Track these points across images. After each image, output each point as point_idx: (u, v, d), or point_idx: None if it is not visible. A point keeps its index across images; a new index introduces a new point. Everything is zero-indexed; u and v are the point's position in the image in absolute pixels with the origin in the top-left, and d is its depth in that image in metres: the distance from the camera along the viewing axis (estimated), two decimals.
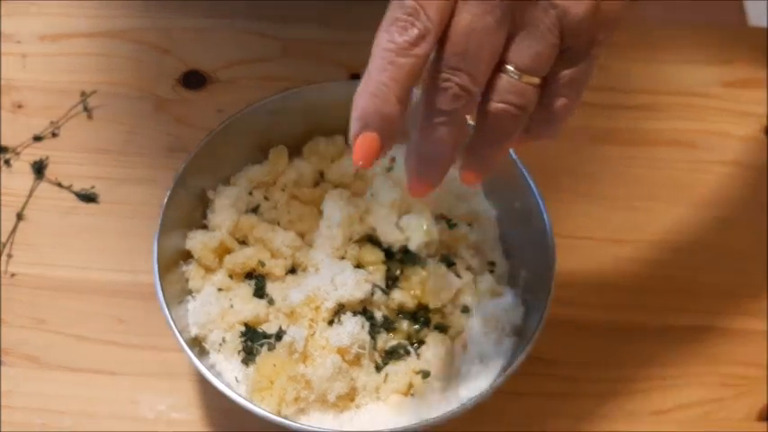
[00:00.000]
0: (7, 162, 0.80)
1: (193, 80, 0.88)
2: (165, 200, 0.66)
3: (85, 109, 0.84)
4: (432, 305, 0.67)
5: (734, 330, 0.76)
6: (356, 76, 0.86)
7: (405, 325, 0.66)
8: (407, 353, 0.66)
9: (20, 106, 0.84)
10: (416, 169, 0.47)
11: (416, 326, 0.67)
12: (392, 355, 0.65)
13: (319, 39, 0.91)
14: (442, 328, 0.67)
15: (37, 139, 0.82)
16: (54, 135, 0.82)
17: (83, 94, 0.85)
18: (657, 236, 0.80)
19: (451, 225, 0.69)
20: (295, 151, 0.76)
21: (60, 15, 0.90)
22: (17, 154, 0.81)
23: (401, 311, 0.67)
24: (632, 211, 0.82)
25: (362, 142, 0.42)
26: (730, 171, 0.85)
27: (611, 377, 0.73)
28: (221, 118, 0.71)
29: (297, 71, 0.89)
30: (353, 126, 0.43)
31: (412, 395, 0.65)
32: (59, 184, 0.80)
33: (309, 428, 0.59)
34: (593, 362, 0.73)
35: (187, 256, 0.69)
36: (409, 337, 0.67)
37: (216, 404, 0.69)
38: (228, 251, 0.69)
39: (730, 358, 0.74)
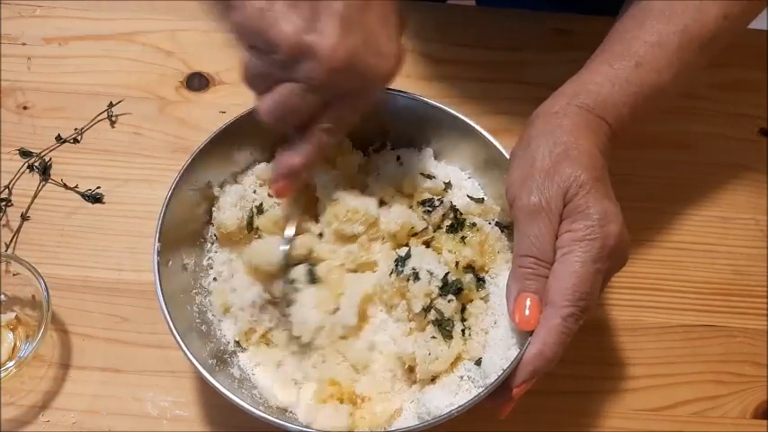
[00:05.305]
0: None
1: (197, 82, 0.89)
2: (166, 201, 0.66)
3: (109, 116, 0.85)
4: (487, 267, 0.67)
5: (731, 329, 0.76)
6: None
7: (468, 279, 0.65)
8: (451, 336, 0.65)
9: (25, 108, 0.85)
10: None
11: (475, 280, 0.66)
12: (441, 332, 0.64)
13: None
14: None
15: (42, 139, 0.83)
16: (59, 137, 0.83)
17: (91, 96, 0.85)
18: (657, 236, 0.81)
19: (479, 200, 0.71)
20: None
21: (65, 18, 0.91)
22: None
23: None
24: (632, 211, 0.82)
25: (525, 387, 0.61)
26: (728, 172, 0.86)
27: (609, 375, 0.74)
28: (224, 119, 0.71)
29: None
30: (524, 374, 0.60)
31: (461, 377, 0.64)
32: (65, 185, 0.81)
33: (306, 430, 0.60)
34: (592, 360, 0.74)
35: (190, 255, 0.70)
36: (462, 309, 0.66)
37: (218, 402, 0.69)
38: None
39: (727, 357, 0.75)
